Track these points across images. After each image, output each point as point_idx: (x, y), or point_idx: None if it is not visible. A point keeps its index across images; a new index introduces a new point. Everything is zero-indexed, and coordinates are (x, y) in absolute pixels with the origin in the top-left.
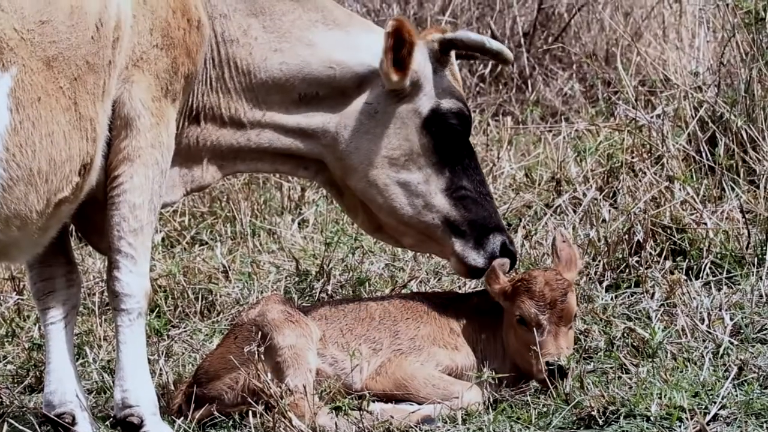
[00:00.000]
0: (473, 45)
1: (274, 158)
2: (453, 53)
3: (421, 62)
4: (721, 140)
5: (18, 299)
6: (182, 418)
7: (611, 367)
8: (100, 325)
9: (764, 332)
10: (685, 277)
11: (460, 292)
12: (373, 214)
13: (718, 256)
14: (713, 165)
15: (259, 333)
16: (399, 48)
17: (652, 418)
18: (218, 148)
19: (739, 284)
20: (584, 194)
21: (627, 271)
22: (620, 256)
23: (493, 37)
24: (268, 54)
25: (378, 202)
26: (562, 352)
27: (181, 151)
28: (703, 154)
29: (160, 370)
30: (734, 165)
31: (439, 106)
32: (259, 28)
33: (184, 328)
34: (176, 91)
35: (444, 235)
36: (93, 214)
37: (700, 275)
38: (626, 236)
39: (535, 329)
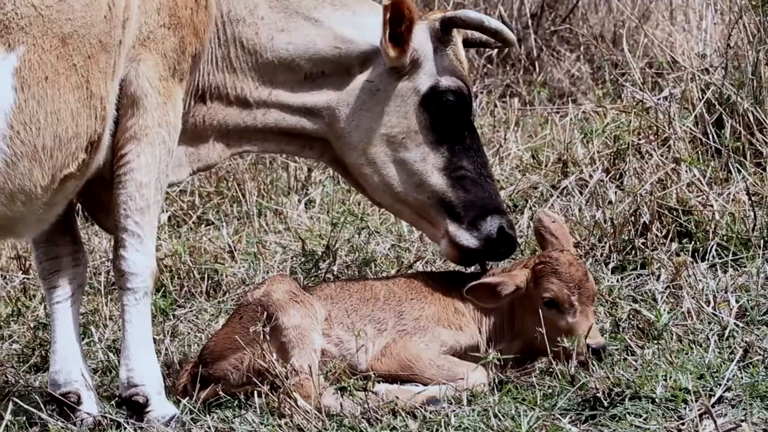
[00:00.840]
0: (472, 23)
1: (279, 138)
2: (457, 34)
3: (422, 41)
4: (728, 122)
5: (24, 278)
6: (187, 398)
7: (617, 349)
8: (106, 305)
9: None
10: (691, 259)
11: (465, 272)
12: (369, 194)
13: (724, 238)
14: (720, 147)
15: (265, 313)
16: (398, 23)
17: (657, 399)
18: (224, 128)
19: (745, 266)
20: (591, 176)
21: (633, 252)
22: (626, 237)
23: (501, 18)
24: (275, 34)
25: (374, 180)
26: (597, 334)
27: (188, 130)
28: (710, 136)
29: (166, 349)
30: (741, 147)
31: (438, 84)
32: (266, 7)
33: (190, 308)
34: (184, 71)
35: (438, 215)
36: (100, 193)
37: (706, 257)
38: (632, 218)
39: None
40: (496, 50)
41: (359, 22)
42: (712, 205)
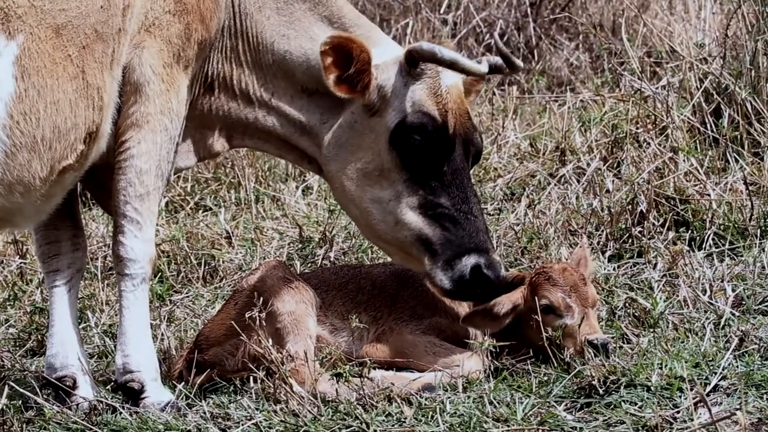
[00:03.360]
0: (426, 55)
1: (279, 144)
2: (431, 66)
3: (390, 76)
4: (726, 112)
5: (21, 263)
6: (183, 383)
7: (612, 337)
8: (103, 290)
9: (766, 304)
10: (688, 248)
11: None
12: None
13: (721, 227)
14: (717, 136)
15: (260, 299)
16: (347, 64)
17: (652, 388)
18: (229, 120)
19: (742, 256)
20: (588, 164)
21: (630, 241)
22: (623, 226)
23: (498, 7)
24: (277, 38)
25: (354, 215)
26: (598, 331)
27: (196, 117)
28: (708, 126)
29: (162, 335)
30: (738, 137)
31: (404, 120)
32: (273, 8)
33: (187, 293)
34: (189, 58)
35: (419, 253)
36: (106, 179)
37: (703, 246)
38: (629, 206)
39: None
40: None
41: None
42: (709, 195)
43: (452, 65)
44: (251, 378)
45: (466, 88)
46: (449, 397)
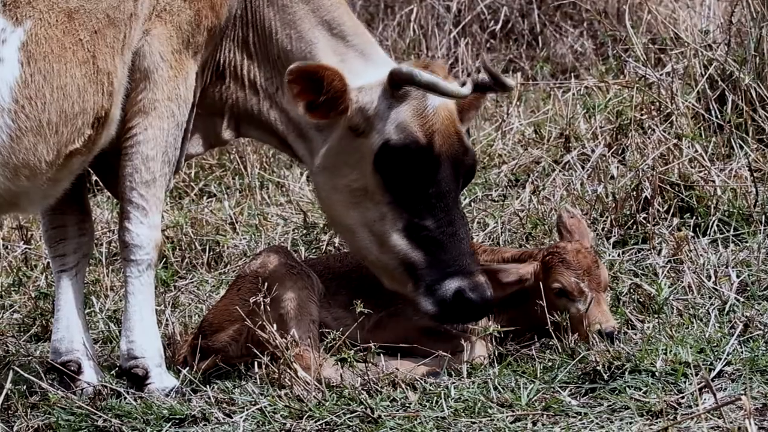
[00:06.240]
0: (405, 78)
1: (279, 141)
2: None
3: (373, 98)
4: (730, 98)
5: (25, 248)
6: (188, 369)
7: (618, 323)
8: (107, 275)
9: None
10: (692, 234)
11: None
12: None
13: (726, 213)
14: (722, 123)
15: (263, 285)
16: (317, 90)
17: (657, 373)
18: (237, 109)
19: (746, 242)
20: (593, 150)
21: (634, 227)
22: (628, 212)
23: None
24: (282, 35)
25: (340, 232)
26: (610, 318)
27: (207, 105)
28: (712, 112)
29: (167, 320)
30: (743, 123)
31: (388, 143)
32: (280, 5)
33: (191, 279)
34: (198, 44)
35: (403, 277)
36: (116, 165)
37: (708, 232)
38: (634, 193)
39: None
40: (499, 25)
41: (344, 58)
42: (713, 181)
43: (430, 88)
44: (255, 363)
45: (466, 104)
46: (454, 383)
